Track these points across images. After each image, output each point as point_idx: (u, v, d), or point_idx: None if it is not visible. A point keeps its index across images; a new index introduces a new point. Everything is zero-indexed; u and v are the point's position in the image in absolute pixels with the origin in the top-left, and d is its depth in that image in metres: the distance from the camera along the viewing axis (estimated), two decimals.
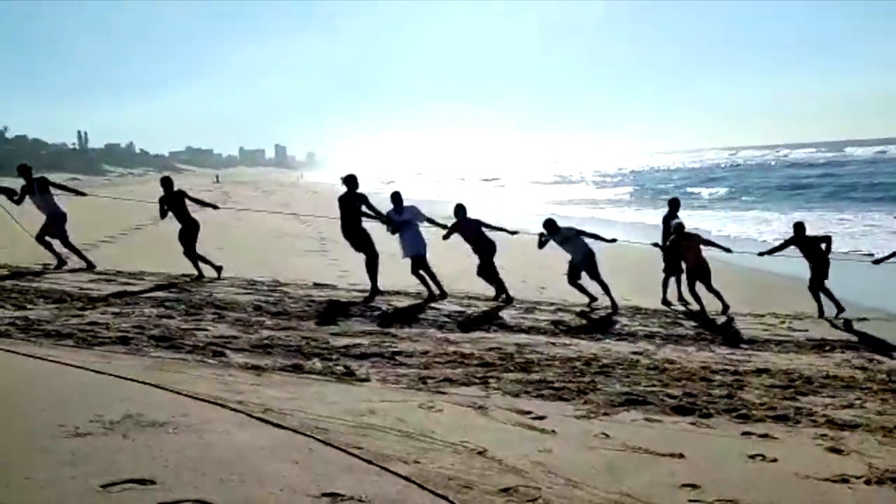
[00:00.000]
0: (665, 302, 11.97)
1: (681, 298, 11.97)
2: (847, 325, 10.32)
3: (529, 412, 5.45)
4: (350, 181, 11.59)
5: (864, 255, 15.34)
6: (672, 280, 12.20)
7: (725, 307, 11.18)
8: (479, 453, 4.45)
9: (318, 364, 6.67)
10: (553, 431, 5.03)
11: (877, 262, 11.79)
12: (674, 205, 12.87)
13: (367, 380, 6.26)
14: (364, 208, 11.56)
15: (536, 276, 13.74)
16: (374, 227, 11.89)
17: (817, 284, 11.31)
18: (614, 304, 11.16)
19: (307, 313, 9.32)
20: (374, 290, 11.32)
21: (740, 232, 24.49)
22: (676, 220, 12.17)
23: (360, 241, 11.55)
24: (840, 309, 11.12)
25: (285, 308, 9.53)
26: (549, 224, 11.90)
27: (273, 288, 11.09)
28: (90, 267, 12.08)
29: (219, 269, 12.07)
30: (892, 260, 11.36)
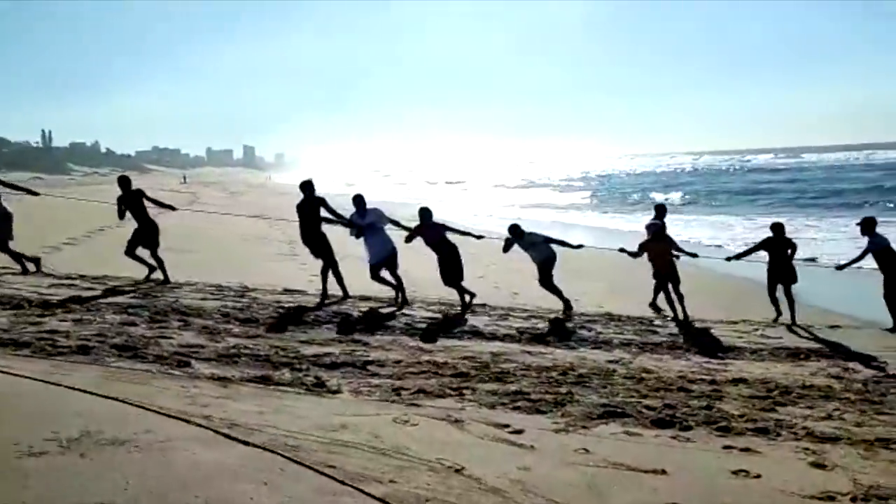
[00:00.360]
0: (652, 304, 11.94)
1: (652, 305, 11.89)
2: (820, 333, 10.30)
3: (507, 426, 5.28)
4: (307, 187, 11.56)
5: (828, 261, 15.37)
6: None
7: (684, 314, 11.20)
8: (457, 471, 4.28)
9: (287, 375, 6.46)
10: (532, 447, 4.88)
11: (839, 267, 11.87)
12: (660, 210, 12.81)
13: (338, 391, 6.07)
14: (325, 212, 11.41)
15: (508, 280, 13.63)
16: (335, 231, 11.71)
17: (775, 287, 11.33)
18: (568, 307, 11.17)
19: (276, 320, 9.09)
20: (345, 294, 11.22)
21: (704, 236, 24.60)
22: (652, 222, 12.14)
23: (319, 246, 11.43)
24: (778, 314, 11.25)
25: (253, 315, 9.28)
26: (514, 229, 11.83)
27: (241, 293, 10.82)
28: (38, 268, 11.69)
29: (152, 270, 11.73)
30: (854, 266, 11.43)
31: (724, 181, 69.87)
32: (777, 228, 11.55)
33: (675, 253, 11.75)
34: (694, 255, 12.34)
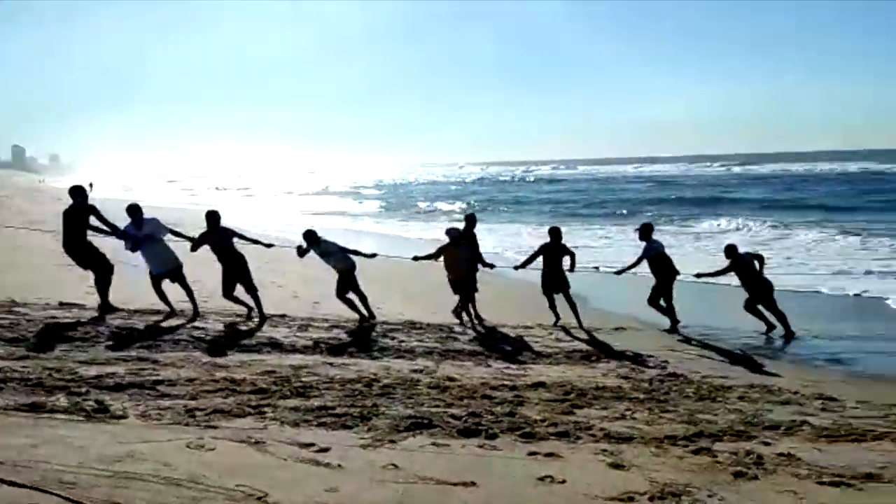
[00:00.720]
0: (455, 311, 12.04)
1: (455, 312, 12.03)
2: (607, 336, 10.87)
3: (311, 444, 5.03)
4: (77, 192, 10.73)
5: (608, 267, 16.29)
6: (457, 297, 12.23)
7: (470, 317, 11.53)
8: (259, 498, 3.99)
9: (63, 400, 5.79)
10: (339, 465, 4.66)
11: (618, 272, 12.65)
12: (470, 220, 12.99)
13: (124, 416, 5.52)
14: (95, 221, 10.55)
15: (308, 289, 13.30)
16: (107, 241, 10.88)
17: (551, 295, 11.86)
18: (371, 315, 11.15)
19: (50, 338, 8.22)
20: (106, 307, 10.35)
21: (491, 244, 25.13)
22: (453, 228, 12.36)
23: (86, 256, 10.58)
24: (557, 318, 11.79)
25: (22, 333, 8.35)
26: (310, 235, 11.55)
27: (7, 309, 9.70)
28: None
29: None
30: (631, 271, 12.28)
31: (510, 190, 73.26)
32: (554, 233, 12.15)
33: (480, 265, 12.06)
34: (491, 266, 12.66)
